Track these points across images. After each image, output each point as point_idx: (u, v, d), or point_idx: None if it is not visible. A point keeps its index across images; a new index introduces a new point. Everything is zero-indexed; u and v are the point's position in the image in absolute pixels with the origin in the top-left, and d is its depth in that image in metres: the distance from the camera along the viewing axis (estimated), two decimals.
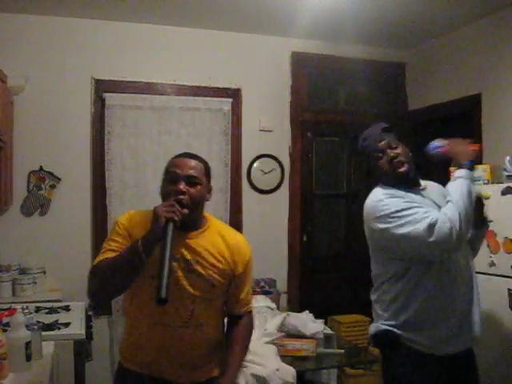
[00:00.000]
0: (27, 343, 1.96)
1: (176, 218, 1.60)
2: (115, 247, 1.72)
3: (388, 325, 2.02)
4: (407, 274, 1.97)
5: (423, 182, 2.15)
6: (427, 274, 1.95)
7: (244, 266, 1.83)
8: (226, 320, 1.93)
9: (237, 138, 4.10)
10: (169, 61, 3.96)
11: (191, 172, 1.73)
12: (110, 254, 1.70)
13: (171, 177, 1.72)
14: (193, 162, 1.76)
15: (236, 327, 1.87)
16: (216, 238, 1.81)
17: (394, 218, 1.94)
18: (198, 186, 1.73)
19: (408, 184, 2.07)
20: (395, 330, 1.99)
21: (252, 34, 4.13)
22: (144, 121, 3.85)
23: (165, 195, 1.72)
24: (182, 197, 1.67)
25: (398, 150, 2.06)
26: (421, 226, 1.87)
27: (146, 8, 3.60)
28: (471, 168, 2.01)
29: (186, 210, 1.66)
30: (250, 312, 1.93)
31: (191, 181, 1.71)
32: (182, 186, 1.69)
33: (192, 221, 1.75)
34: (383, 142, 2.07)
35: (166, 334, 1.73)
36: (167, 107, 3.90)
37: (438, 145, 2.10)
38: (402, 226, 1.91)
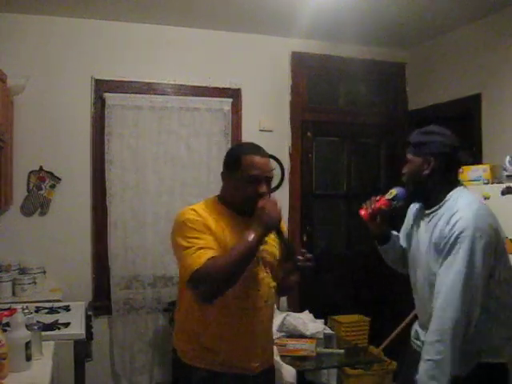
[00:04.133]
0: (27, 343, 1.96)
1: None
2: (204, 244, 1.76)
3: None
4: None
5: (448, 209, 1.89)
6: None
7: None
8: None
9: (237, 138, 4.09)
10: (169, 61, 3.96)
11: (272, 174, 1.87)
12: (208, 253, 1.73)
13: (254, 178, 1.82)
14: (269, 160, 1.90)
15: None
16: None
17: None
18: (271, 182, 1.91)
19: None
20: None
21: (252, 34, 4.12)
22: (144, 121, 3.84)
23: (243, 196, 1.83)
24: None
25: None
26: None
27: (145, 8, 3.60)
28: None
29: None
30: None
31: (270, 180, 1.87)
32: (265, 189, 1.83)
33: None
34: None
35: (252, 318, 1.85)
36: (167, 107, 3.89)
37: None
38: None
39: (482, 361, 1.83)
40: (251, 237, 1.72)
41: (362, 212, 2.07)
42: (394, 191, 2.02)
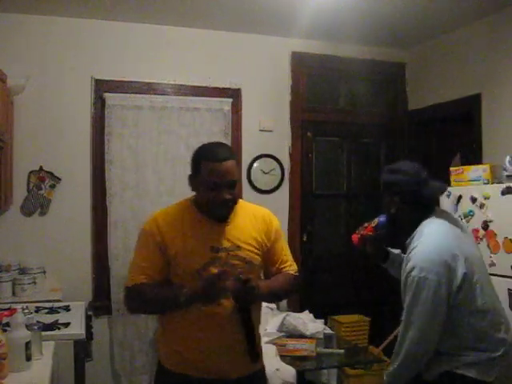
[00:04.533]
0: (27, 343, 1.96)
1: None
2: (146, 262, 1.82)
3: None
4: None
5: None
6: None
7: (274, 233, 1.94)
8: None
9: (237, 138, 4.09)
10: (169, 61, 3.96)
11: (232, 178, 1.78)
12: (141, 277, 1.79)
13: (213, 185, 1.76)
14: (230, 164, 1.78)
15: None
16: (246, 217, 1.89)
17: None
18: (236, 184, 1.82)
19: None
20: None
21: (252, 34, 4.12)
22: (144, 121, 3.84)
23: (207, 202, 1.80)
24: (230, 204, 1.81)
25: None
26: None
27: (145, 8, 3.60)
28: None
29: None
30: (291, 272, 1.98)
31: (232, 184, 1.79)
32: (227, 196, 1.77)
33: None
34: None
35: (212, 322, 1.77)
36: (167, 107, 3.89)
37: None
38: None
39: (457, 372, 1.84)
40: (182, 296, 1.71)
41: (353, 237, 2.26)
42: (376, 220, 2.20)
